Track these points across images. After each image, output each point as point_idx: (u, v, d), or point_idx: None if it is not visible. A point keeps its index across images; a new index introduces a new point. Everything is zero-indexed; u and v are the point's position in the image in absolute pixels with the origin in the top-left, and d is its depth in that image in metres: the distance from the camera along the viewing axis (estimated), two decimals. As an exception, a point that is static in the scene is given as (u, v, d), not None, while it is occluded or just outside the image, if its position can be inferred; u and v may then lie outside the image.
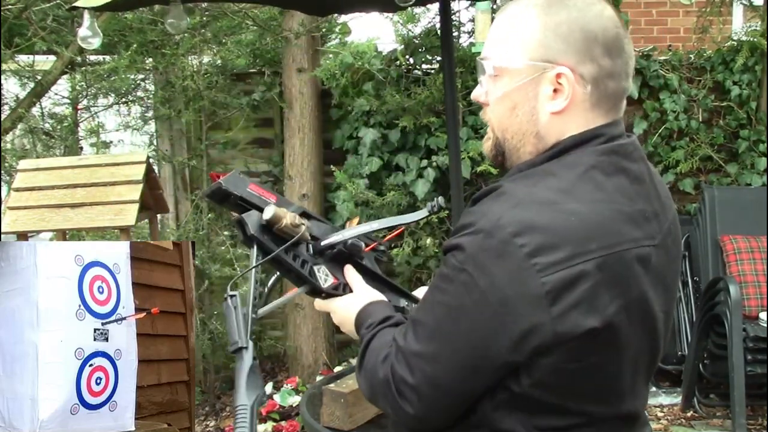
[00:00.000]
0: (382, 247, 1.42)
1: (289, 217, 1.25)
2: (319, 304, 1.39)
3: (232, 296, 1.14)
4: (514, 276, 1.01)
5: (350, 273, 1.38)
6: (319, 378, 4.05)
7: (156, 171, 3.38)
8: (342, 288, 1.36)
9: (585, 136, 1.12)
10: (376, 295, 1.36)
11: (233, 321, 1.11)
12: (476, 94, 1.22)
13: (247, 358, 1.08)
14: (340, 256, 1.35)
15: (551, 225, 1.03)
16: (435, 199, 1.38)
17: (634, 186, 1.12)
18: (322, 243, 1.31)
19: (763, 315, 3.73)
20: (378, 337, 1.21)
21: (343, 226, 1.40)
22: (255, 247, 1.25)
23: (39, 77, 4.21)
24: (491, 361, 1.05)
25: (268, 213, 1.24)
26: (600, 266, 1.02)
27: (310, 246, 1.32)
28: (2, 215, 2.64)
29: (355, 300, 1.34)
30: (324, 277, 1.32)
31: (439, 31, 4.07)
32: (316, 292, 1.33)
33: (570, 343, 1.03)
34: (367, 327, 1.25)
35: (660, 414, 4.04)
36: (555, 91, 1.12)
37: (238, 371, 1.07)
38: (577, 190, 1.07)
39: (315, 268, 1.31)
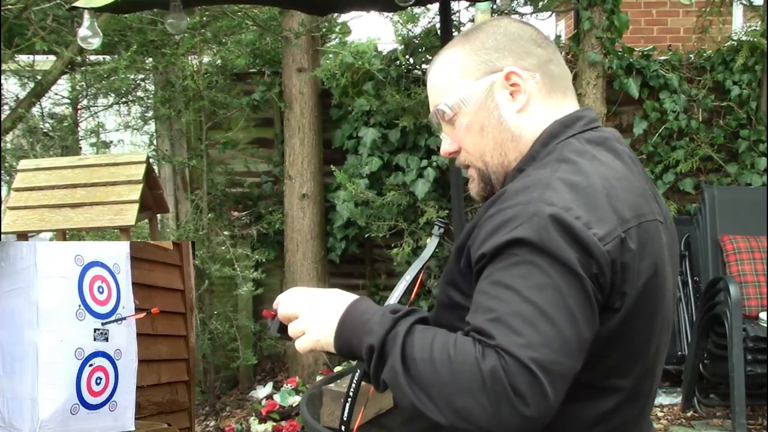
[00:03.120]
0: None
1: None
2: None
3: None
4: (583, 243, 1.04)
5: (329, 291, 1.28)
6: (319, 378, 4.06)
7: (156, 171, 3.38)
8: None
9: (568, 120, 1.21)
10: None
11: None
12: (445, 149, 1.30)
13: None
14: None
15: (590, 201, 1.08)
16: (435, 225, 1.42)
17: (631, 166, 1.20)
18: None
19: (763, 315, 3.73)
20: (422, 336, 1.07)
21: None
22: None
23: (39, 77, 4.21)
24: (584, 331, 1.03)
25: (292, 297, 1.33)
26: (637, 234, 1.10)
27: None
28: (2, 215, 2.64)
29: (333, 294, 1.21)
30: None
31: (439, 31, 4.07)
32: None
33: (619, 312, 1.09)
34: (387, 331, 1.08)
35: (660, 414, 4.04)
36: (512, 94, 1.22)
37: None
38: (593, 170, 1.13)
39: None
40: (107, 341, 2.09)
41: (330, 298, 1.20)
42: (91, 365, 2.04)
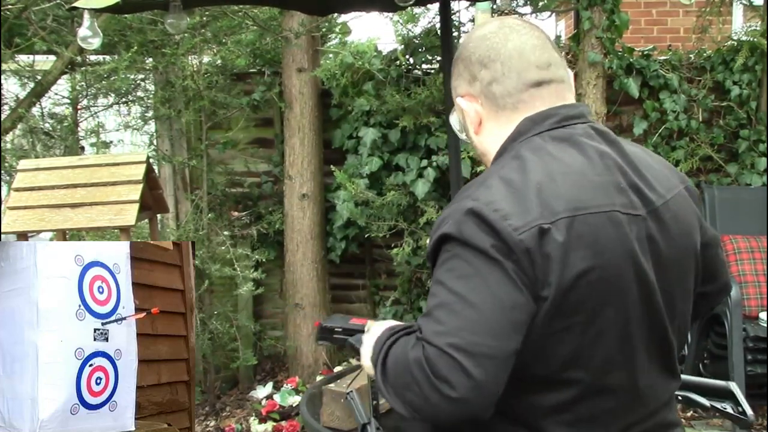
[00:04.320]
0: None
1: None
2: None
3: (349, 393, 1.58)
4: (496, 234, 1.12)
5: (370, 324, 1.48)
6: (319, 378, 4.06)
7: (156, 171, 3.38)
8: None
9: (537, 117, 1.26)
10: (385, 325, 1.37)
11: (354, 409, 1.52)
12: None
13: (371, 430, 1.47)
14: None
15: (517, 195, 1.16)
16: None
17: (600, 160, 1.23)
18: None
19: (763, 315, 3.73)
20: (397, 344, 1.20)
21: None
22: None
23: (39, 77, 4.21)
24: (511, 312, 1.10)
25: (368, 327, 1.52)
26: (567, 226, 1.14)
27: None
28: (2, 215, 2.64)
29: (369, 336, 1.37)
30: None
31: (439, 31, 4.07)
32: None
33: (545, 300, 1.12)
34: (383, 343, 1.22)
35: (660, 414, 4.04)
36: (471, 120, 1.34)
37: None
38: (538, 167, 1.19)
39: None
40: (107, 341, 2.09)
41: (381, 328, 1.33)
42: (91, 365, 2.04)
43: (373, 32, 5.11)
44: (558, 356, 1.16)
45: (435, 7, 4.24)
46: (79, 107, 4.35)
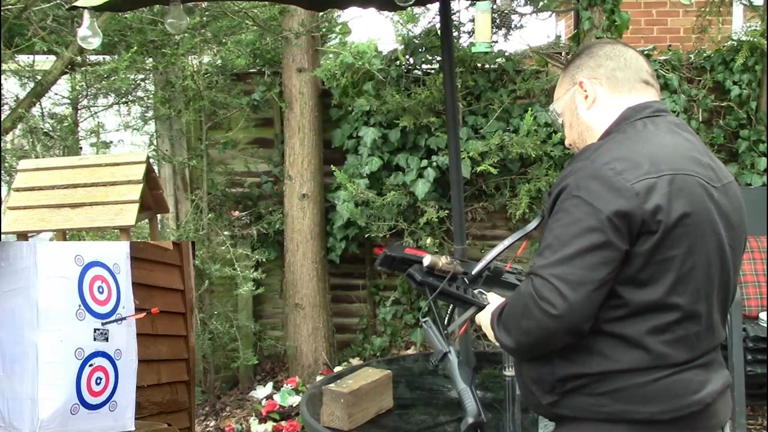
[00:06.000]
0: (518, 267, 1.78)
1: (442, 260, 1.71)
2: (477, 318, 1.70)
3: (425, 321, 1.65)
4: (610, 185, 1.41)
5: (490, 295, 1.71)
6: (319, 378, 4.06)
7: (156, 171, 3.38)
8: None
9: (638, 107, 1.61)
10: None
11: (432, 337, 1.61)
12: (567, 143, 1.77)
13: (453, 358, 1.59)
14: (490, 279, 1.74)
15: (630, 156, 1.46)
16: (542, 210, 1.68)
17: (686, 142, 1.56)
18: (473, 272, 1.71)
19: (763, 315, 3.73)
20: (511, 296, 1.52)
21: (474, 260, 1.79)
22: (426, 288, 1.71)
23: (39, 77, 4.21)
24: (606, 251, 1.39)
25: (427, 260, 1.72)
26: (670, 181, 1.45)
27: (465, 279, 1.72)
28: (2, 215, 2.64)
29: (490, 306, 1.66)
30: (482, 297, 1.70)
31: (439, 31, 4.07)
32: (482, 309, 1.68)
33: (656, 234, 1.41)
34: (502, 304, 1.54)
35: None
36: (585, 97, 1.66)
37: (451, 368, 1.58)
38: (644, 138, 1.53)
39: (475, 292, 1.71)
40: (107, 341, 2.09)
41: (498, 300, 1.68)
42: (91, 365, 2.04)
43: (373, 32, 5.12)
44: (665, 283, 1.44)
45: (435, 7, 4.24)
46: (79, 107, 4.35)
